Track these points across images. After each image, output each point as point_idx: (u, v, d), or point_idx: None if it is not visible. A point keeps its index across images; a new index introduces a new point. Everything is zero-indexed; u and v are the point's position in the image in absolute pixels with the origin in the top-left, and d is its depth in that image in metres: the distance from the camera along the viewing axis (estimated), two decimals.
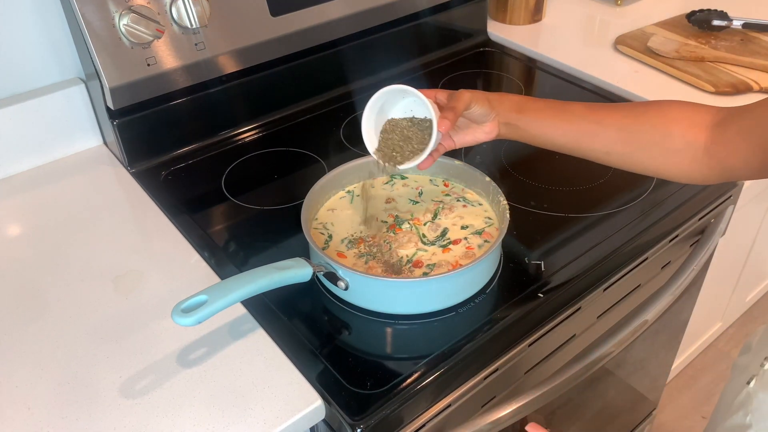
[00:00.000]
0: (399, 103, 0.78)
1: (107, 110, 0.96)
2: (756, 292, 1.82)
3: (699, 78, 1.17)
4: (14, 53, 0.96)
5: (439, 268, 0.77)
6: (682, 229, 0.96)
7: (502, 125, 0.78)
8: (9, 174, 1.00)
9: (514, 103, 0.77)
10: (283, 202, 0.94)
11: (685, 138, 0.69)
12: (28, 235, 0.90)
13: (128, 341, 0.74)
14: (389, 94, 0.75)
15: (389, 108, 0.78)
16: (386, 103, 0.77)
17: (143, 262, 0.85)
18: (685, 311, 1.25)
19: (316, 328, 0.76)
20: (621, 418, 1.34)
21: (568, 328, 0.84)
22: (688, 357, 1.73)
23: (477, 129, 0.78)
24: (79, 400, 0.67)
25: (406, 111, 0.78)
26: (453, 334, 0.74)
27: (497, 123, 0.78)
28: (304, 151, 1.05)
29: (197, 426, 0.65)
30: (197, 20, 0.93)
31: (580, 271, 0.82)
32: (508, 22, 1.43)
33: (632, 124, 0.73)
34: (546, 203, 0.93)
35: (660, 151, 0.71)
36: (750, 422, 0.71)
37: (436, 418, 0.72)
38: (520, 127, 0.77)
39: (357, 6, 1.12)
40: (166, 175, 1.00)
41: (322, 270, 0.74)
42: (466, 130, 0.79)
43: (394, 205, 0.87)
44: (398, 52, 1.25)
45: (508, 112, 0.77)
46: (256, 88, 1.09)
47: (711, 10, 1.35)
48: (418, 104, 0.76)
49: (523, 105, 0.77)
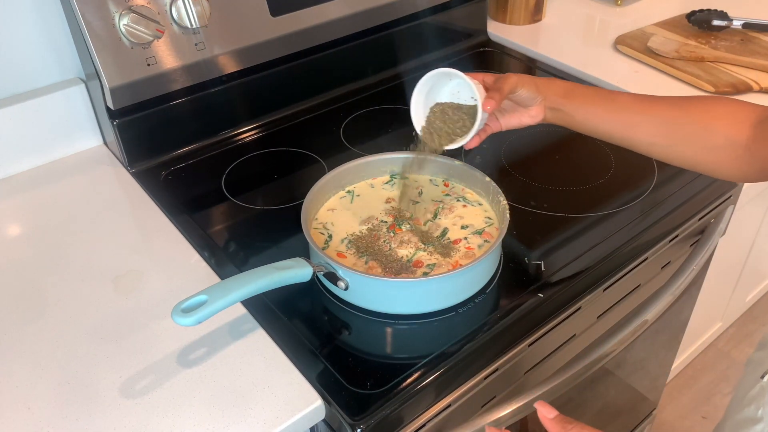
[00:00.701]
0: (446, 86, 0.80)
1: (107, 110, 0.96)
2: (756, 292, 1.82)
3: (699, 78, 1.17)
4: (14, 53, 0.96)
5: (439, 268, 0.77)
6: (682, 229, 0.96)
7: (548, 110, 0.79)
8: (9, 174, 1.00)
9: (561, 89, 0.78)
10: (283, 202, 0.94)
11: (728, 134, 0.70)
12: (28, 235, 0.90)
13: (128, 341, 0.74)
14: (437, 77, 0.78)
15: (437, 91, 0.80)
16: (434, 86, 0.80)
17: (143, 262, 0.85)
18: (685, 311, 1.25)
19: (316, 328, 0.76)
20: (621, 418, 1.34)
21: (568, 328, 0.84)
22: (688, 357, 1.73)
23: (523, 112, 0.80)
24: (79, 400, 0.67)
25: (453, 93, 0.80)
26: (453, 334, 0.74)
27: (543, 107, 0.79)
28: (304, 151, 1.05)
29: (197, 426, 0.65)
30: (197, 20, 0.93)
31: (580, 271, 0.82)
32: (508, 22, 1.43)
33: (677, 117, 0.73)
34: (546, 203, 0.93)
35: (702, 146, 0.72)
36: (762, 416, 0.71)
37: (436, 418, 0.72)
38: (566, 113, 0.78)
39: (357, 6, 1.12)
40: (166, 175, 1.00)
41: (322, 270, 0.74)
42: (513, 113, 0.80)
43: (394, 205, 0.87)
44: (398, 52, 1.25)
45: (555, 97, 0.78)
46: (256, 88, 1.09)
47: (711, 10, 1.35)
48: (464, 87, 0.78)
49: (570, 91, 0.78)
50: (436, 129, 0.79)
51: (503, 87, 0.74)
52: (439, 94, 0.81)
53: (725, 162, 0.71)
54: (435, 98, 0.81)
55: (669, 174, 0.97)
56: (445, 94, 0.81)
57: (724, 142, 0.70)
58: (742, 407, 0.75)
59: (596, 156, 1.03)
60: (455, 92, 0.80)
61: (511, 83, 0.75)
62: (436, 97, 0.81)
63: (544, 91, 0.78)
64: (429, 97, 0.81)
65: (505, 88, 0.74)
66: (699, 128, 0.72)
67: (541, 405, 0.64)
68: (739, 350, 1.89)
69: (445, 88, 0.81)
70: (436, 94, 0.81)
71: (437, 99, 0.81)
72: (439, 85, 0.80)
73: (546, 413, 0.63)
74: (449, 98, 0.81)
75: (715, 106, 0.72)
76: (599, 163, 1.01)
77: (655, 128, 0.74)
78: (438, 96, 0.81)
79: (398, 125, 1.12)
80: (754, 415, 0.72)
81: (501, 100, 0.73)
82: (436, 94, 0.81)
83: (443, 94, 0.81)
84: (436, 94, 0.81)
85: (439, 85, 0.80)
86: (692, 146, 0.73)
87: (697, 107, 0.73)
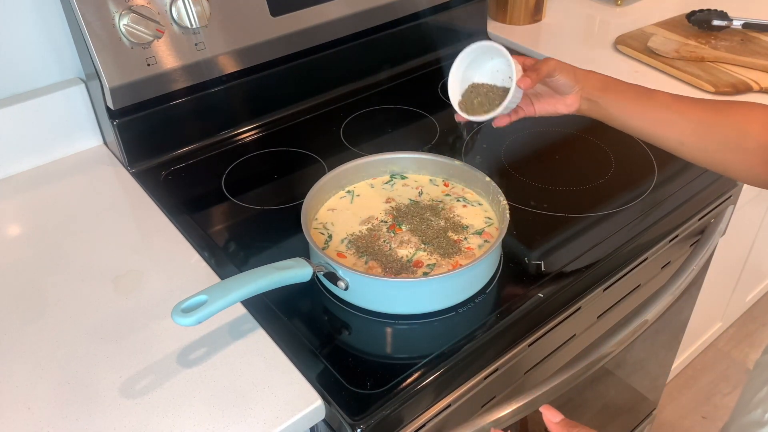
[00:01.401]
0: (485, 64, 0.80)
1: (107, 110, 0.96)
2: (756, 292, 1.82)
3: (699, 78, 1.17)
4: (14, 53, 0.96)
5: (439, 268, 0.77)
6: (682, 229, 0.96)
7: (584, 100, 0.79)
8: (9, 174, 1.00)
9: (599, 81, 0.78)
10: (283, 202, 0.94)
11: (760, 139, 0.70)
12: (28, 235, 0.90)
13: (128, 341, 0.74)
14: (478, 51, 0.78)
15: (475, 68, 0.80)
16: (473, 61, 0.79)
17: (143, 262, 0.85)
18: (685, 311, 1.25)
19: (316, 328, 0.76)
20: (621, 418, 1.34)
21: (568, 328, 0.84)
22: (688, 357, 1.73)
23: (559, 100, 0.80)
24: (79, 400, 0.67)
25: (492, 72, 0.80)
26: (453, 334, 0.74)
27: (579, 97, 0.79)
28: (304, 151, 1.05)
29: (197, 426, 0.65)
30: (197, 20, 0.93)
31: (580, 272, 0.82)
32: (508, 22, 1.43)
33: (711, 118, 0.74)
34: (546, 203, 0.93)
35: (733, 149, 0.73)
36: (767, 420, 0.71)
37: (436, 418, 0.72)
38: (601, 106, 0.78)
39: (357, 6, 1.12)
40: (166, 175, 1.00)
41: (322, 270, 0.74)
42: (549, 99, 0.80)
43: (394, 204, 0.87)
44: (398, 52, 1.25)
45: (592, 89, 0.78)
46: (256, 88, 1.09)
47: (711, 10, 1.35)
48: (504, 67, 0.78)
49: (608, 84, 0.78)
50: (470, 105, 0.79)
51: (541, 69, 0.75)
52: (478, 72, 0.80)
53: (755, 167, 0.72)
54: (473, 75, 0.80)
55: (669, 174, 0.97)
56: (484, 72, 0.80)
57: (756, 146, 0.71)
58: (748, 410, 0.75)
59: (596, 156, 1.03)
60: (495, 71, 0.80)
61: (550, 67, 0.75)
62: (474, 75, 0.80)
63: (582, 81, 0.78)
64: (467, 73, 0.80)
65: (543, 70, 0.75)
66: (732, 130, 0.72)
67: (546, 409, 0.64)
68: (739, 350, 1.89)
69: (485, 65, 0.80)
70: (474, 71, 0.80)
71: (475, 77, 0.80)
72: (478, 61, 0.80)
73: (551, 417, 0.63)
74: (489, 77, 0.80)
75: (752, 110, 0.73)
76: (599, 163, 1.01)
77: (688, 128, 0.75)
78: (477, 73, 0.80)
79: (398, 125, 1.12)
80: (760, 419, 0.72)
81: (537, 80, 0.74)
82: (475, 71, 0.80)
83: (483, 71, 0.80)
84: (475, 71, 0.80)
85: (479, 62, 0.80)
86: (723, 148, 0.73)
87: (734, 110, 0.73)
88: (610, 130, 0.81)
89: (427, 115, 1.13)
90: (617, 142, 1.04)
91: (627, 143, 1.03)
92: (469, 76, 0.81)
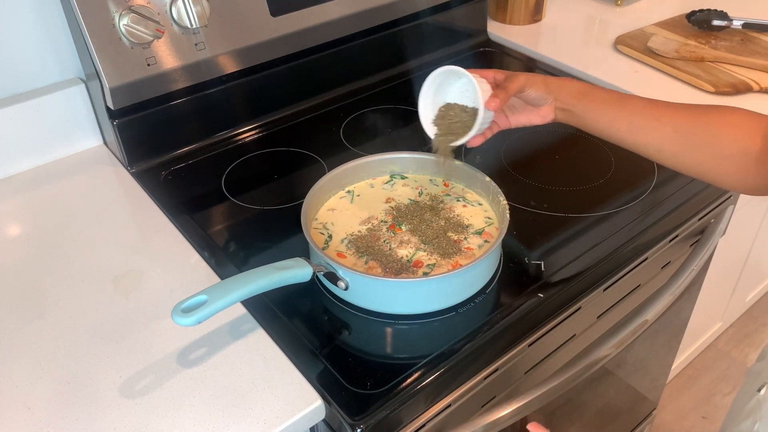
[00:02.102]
0: (454, 84, 0.80)
1: (107, 110, 0.96)
2: (756, 292, 1.82)
3: (699, 78, 1.17)
4: (14, 53, 0.96)
5: (439, 268, 0.77)
6: (682, 229, 0.96)
7: (559, 110, 0.79)
8: (9, 174, 1.00)
9: (575, 89, 0.78)
10: (283, 202, 0.94)
11: (739, 144, 0.69)
12: (28, 235, 0.90)
13: (128, 341, 0.74)
14: (444, 75, 0.78)
15: (444, 89, 0.80)
16: (442, 84, 0.80)
17: (143, 262, 0.85)
18: (685, 311, 1.25)
19: (316, 328, 0.76)
20: (621, 418, 1.34)
21: (568, 328, 0.84)
22: (688, 357, 1.73)
23: (533, 111, 0.80)
24: (79, 400, 0.67)
25: (462, 92, 0.80)
26: (453, 334, 0.74)
27: (554, 108, 0.79)
28: (304, 151, 1.05)
29: (197, 426, 0.65)
30: (197, 20, 0.93)
31: (580, 271, 0.82)
32: (508, 22, 1.43)
33: (688, 125, 0.72)
34: (546, 203, 0.93)
35: (711, 155, 0.71)
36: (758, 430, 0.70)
37: (436, 418, 0.72)
38: (576, 114, 0.78)
39: (357, 6, 1.12)
40: (166, 175, 1.00)
41: (322, 270, 0.74)
42: (522, 111, 0.80)
43: (394, 204, 0.87)
44: (398, 52, 1.25)
45: (567, 98, 0.77)
46: (256, 88, 1.09)
47: (711, 10, 1.34)
48: (472, 87, 0.77)
49: (583, 92, 0.77)
50: (442, 129, 0.79)
51: (509, 87, 0.74)
52: (448, 93, 0.81)
53: (734, 172, 0.70)
54: (444, 97, 0.81)
55: (669, 174, 0.97)
56: (453, 93, 0.81)
57: (735, 151, 0.69)
58: (739, 420, 0.74)
59: (596, 156, 1.03)
60: (464, 90, 0.80)
61: (518, 83, 0.75)
62: (444, 96, 0.81)
63: (556, 92, 0.77)
64: (437, 96, 0.80)
65: (511, 88, 0.74)
66: (710, 136, 0.71)
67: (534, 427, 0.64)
68: (739, 350, 1.89)
69: (454, 86, 0.80)
70: (444, 93, 0.81)
71: (446, 98, 0.81)
72: (446, 84, 0.80)
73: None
74: (458, 97, 0.80)
75: (730, 115, 0.71)
76: (599, 163, 1.01)
77: (666, 134, 0.73)
78: (446, 95, 0.81)
79: (398, 125, 1.12)
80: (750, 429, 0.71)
81: (506, 99, 0.73)
82: (445, 93, 0.81)
83: (452, 92, 0.81)
84: (445, 92, 0.81)
85: (447, 84, 0.80)
86: (701, 154, 0.71)
87: (711, 116, 0.72)
88: None
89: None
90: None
91: None
92: (439, 100, 0.81)
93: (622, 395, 1.26)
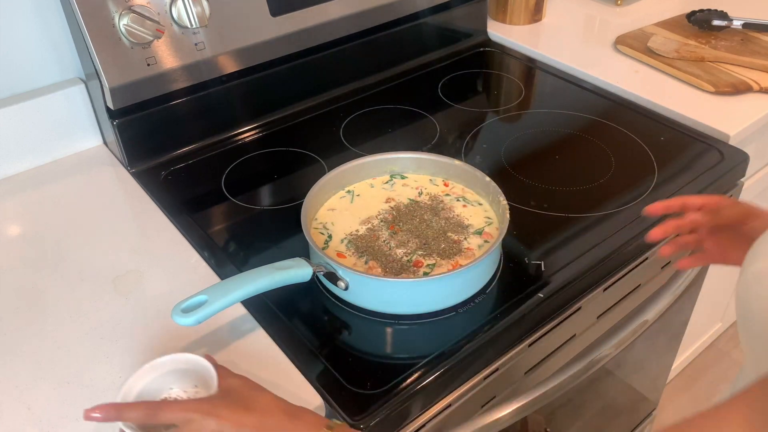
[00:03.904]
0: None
1: (107, 110, 0.96)
2: None
3: (699, 78, 1.17)
4: (14, 53, 0.96)
5: (439, 268, 0.77)
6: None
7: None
8: (9, 174, 1.00)
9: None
10: (283, 202, 0.94)
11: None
12: (28, 235, 0.90)
13: (128, 341, 0.74)
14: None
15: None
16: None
17: (143, 262, 0.85)
18: (685, 311, 1.25)
19: (316, 328, 0.76)
20: (621, 418, 1.34)
21: (568, 328, 0.84)
22: (688, 357, 1.73)
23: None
24: (79, 400, 0.67)
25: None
26: (453, 334, 0.74)
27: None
28: (304, 151, 1.05)
29: None
30: (197, 20, 0.93)
31: (580, 271, 0.82)
32: (508, 22, 1.43)
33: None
34: (546, 203, 0.93)
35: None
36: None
37: (436, 418, 0.72)
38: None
39: (357, 6, 1.12)
40: (166, 175, 1.00)
41: (322, 270, 0.74)
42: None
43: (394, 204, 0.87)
44: (398, 52, 1.25)
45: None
46: (256, 88, 1.09)
47: (711, 10, 1.34)
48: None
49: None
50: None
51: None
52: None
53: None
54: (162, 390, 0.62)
55: (669, 174, 0.97)
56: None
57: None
58: None
59: (596, 156, 1.03)
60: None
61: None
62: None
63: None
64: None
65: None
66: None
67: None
68: (739, 350, 1.89)
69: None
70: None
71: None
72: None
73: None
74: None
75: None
76: (599, 163, 1.01)
77: None
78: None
79: (398, 125, 1.12)
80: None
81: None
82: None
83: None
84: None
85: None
86: None
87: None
88: (611, 130, 0.81)
89: (427, 115, 1.13)
90: (617, 142, 1.04)
91: (627, 143, 1.04)
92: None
93: (622, 395, 1.26)
